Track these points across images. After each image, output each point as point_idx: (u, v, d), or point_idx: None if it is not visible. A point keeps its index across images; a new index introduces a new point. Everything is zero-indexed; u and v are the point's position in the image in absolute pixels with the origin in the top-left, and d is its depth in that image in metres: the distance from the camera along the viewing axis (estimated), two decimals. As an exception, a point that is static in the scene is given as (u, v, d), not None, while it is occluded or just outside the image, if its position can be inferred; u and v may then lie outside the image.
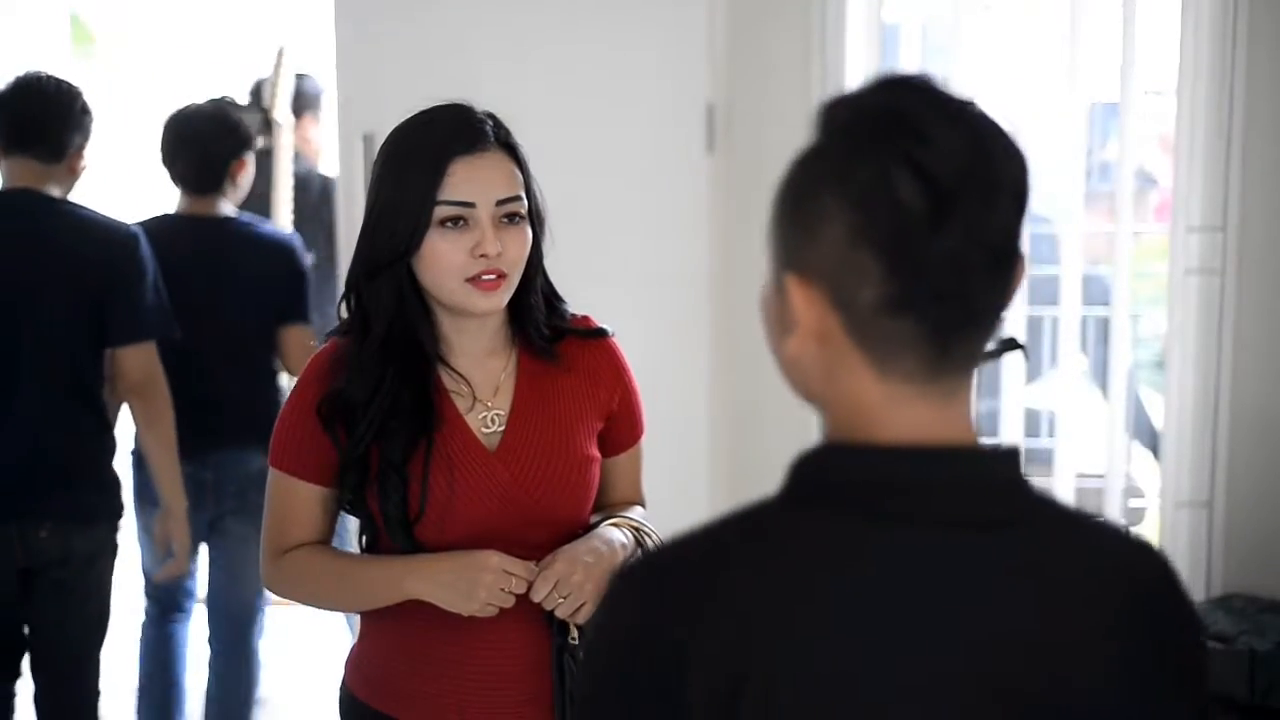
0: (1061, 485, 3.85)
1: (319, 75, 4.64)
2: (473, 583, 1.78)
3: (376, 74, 3.57)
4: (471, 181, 1.80)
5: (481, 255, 1.79)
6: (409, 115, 1.87)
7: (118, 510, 3.14)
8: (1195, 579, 3.51)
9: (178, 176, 3.53)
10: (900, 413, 1.01)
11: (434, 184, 1.78)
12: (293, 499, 1.91)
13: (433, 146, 1.80)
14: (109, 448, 3.13)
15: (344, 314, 1.90)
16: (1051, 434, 4.22)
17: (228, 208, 3.56)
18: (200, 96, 3.70)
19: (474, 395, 1.89)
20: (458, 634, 1.85)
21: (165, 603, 3.57)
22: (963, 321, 0.99)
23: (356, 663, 1.99)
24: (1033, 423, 4.30)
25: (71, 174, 3.09)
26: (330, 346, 1.90)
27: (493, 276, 1.81)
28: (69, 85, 3.11)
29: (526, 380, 1.92)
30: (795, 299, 1.01)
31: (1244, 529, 3.49)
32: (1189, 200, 3.43)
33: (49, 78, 3.11)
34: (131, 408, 3.16)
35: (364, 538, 1.93)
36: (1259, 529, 3.49)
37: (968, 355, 1.02)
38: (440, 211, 1.79)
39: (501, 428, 1.89)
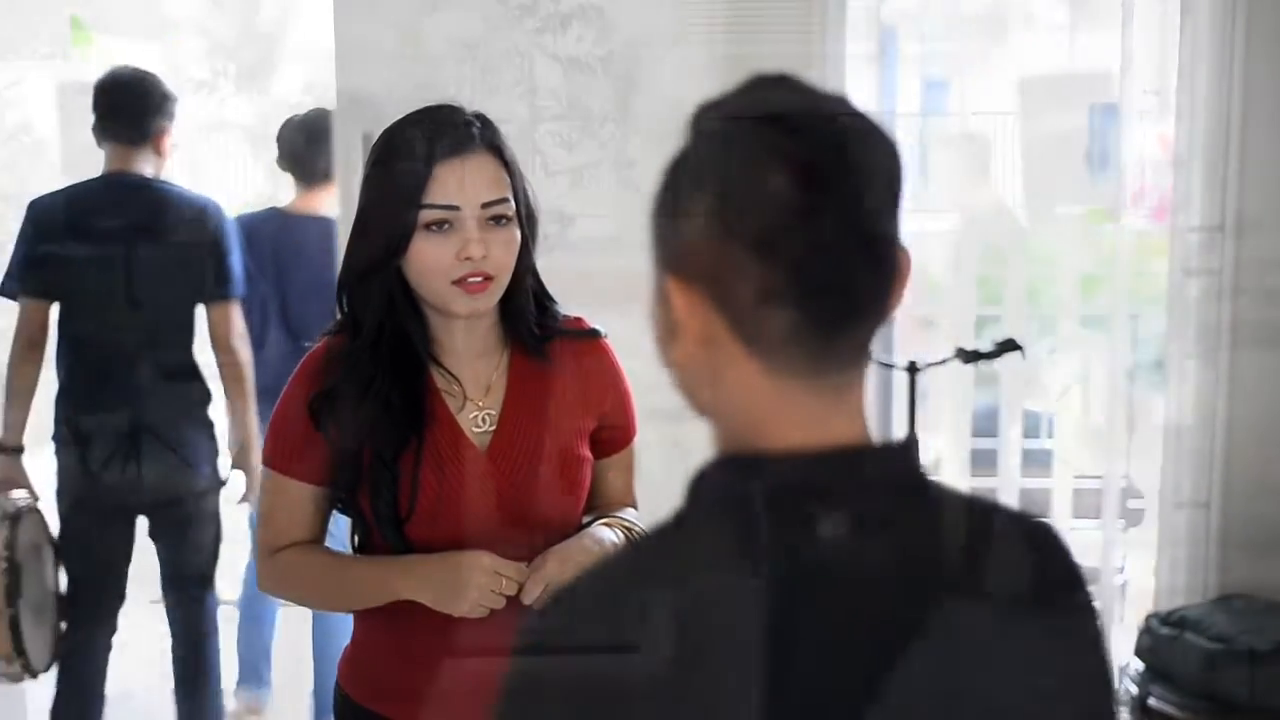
0: (1059, 485, 3.85)
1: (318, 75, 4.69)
2: (464, 583, 1.78)
3: (376, 74, 3.57)
4: (456, 184, 1.79)
5: (466, 258, 1.79)
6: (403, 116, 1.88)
7: (216, 450, 3.56)
8: (1195, 579, 3.50)
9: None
10: (792, 412, 0.99)
11: (418, 187, 1.78)
12: (285, 498, 1.91)
13: (417, 149, 1.79)
14: (205, 397, 3.55)
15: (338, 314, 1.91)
16: (1050, 434, 4.22)
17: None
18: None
19: (465, 395, 1.89)
20: (448, 634, 1.85)
21: None
22: (845, 313, 0.98)
23: (350, 662, 1.99)
24: (1031, 423, 4.29)
25: (159, 154, 3.46)
26: (322, 346, 1.90)
27: (479, 279, 1.80)
28: (145, 74, 3.49)
29: (518, 380, 1.91)
30: (677, 303, 1.00)
31: (1244, 529, 3.48)
32: (1189, 200, 3.42)
33: (129, 69, 3.49)
34: (219, 362, 3.53)
35: (356, 537, 1.93)
36: (1259, 529, 3.48)
37: (854, 348, 1.00)
38: (425, 215, 1.79)
39: (492, 427, 1.89)
